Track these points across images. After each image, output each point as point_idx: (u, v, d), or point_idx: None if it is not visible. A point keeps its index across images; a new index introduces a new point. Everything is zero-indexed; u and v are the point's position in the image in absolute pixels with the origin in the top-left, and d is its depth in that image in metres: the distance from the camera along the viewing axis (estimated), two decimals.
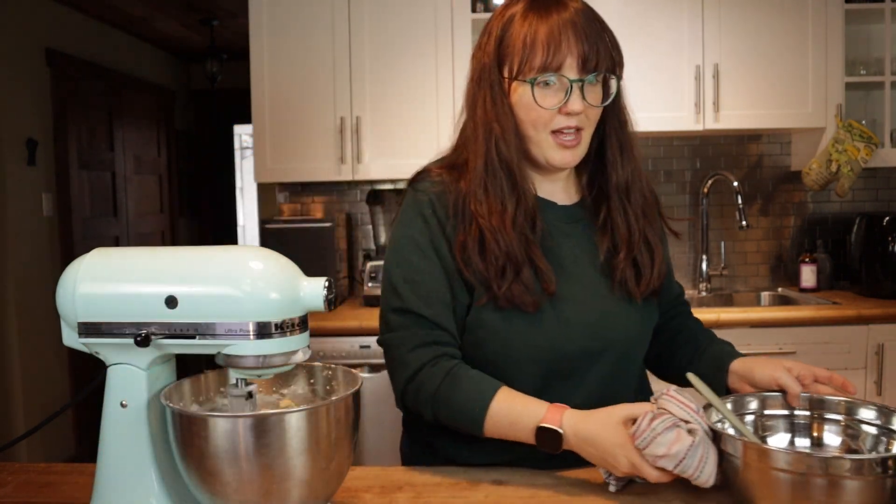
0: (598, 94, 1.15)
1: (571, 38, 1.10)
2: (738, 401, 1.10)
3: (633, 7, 2.91)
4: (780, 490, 0.85)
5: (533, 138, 1.16)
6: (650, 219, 1.24)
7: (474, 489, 1.08)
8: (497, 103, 1.16)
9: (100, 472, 0.91)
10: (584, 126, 1.15)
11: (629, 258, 1.20)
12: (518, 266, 1.12)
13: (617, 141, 1.21)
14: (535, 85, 1.12)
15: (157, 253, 0.90)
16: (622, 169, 1.21)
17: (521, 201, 1.15)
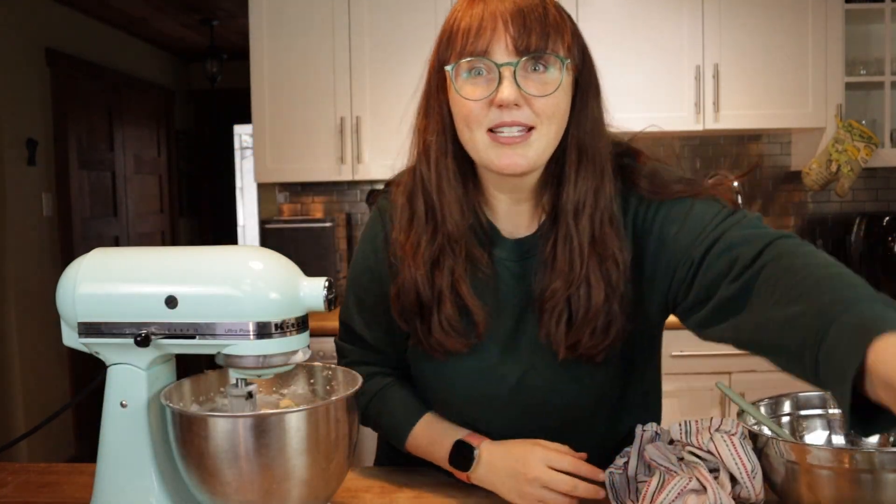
0: (547, 84, 0.93)
1: (500, 15, 0.92)
2: (771, 403, 1.08)
3: (633, 7, 2.91)
4: (822, 487, 0.86)
5: (469, 140, 0.96)
6: (603, 253, 0.97)
7: (474, 489, 1.08)
8: (430, 113, 1.01)
9: (100, 472, 0.91)
10: (535, 123, 0.93)
11: (562, 298, 0.97)
12: (431, 305, 1.00)
13: (576, 150, 0.98)
14: (457, 73, 0.94)
15: (157, 253, 0.90)
16: (575, 186, 0.97)
17: (439, 230, 1.00)
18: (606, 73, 2.99)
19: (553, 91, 0.93)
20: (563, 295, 0.97)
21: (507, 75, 0.91)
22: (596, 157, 0.99)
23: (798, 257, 0.83)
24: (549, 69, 0.94)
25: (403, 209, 1.04)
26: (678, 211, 0.97)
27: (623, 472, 1.00)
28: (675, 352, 2.63)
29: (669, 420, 1.01)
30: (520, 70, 0.92)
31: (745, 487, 0.91)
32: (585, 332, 0.97)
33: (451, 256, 1.00)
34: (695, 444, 0.94)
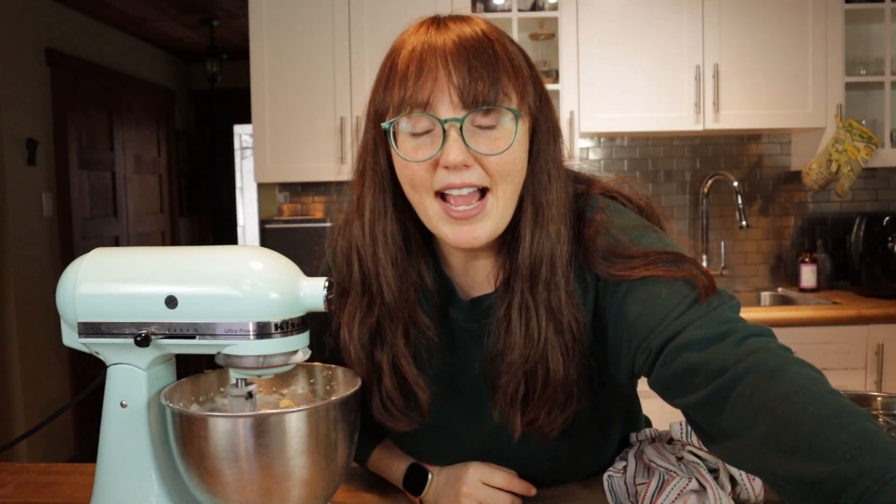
0: (499, 140, 0.82)
1: (444, 61, 0.81)
2: None
3: (633, 7, 2.91)
4: None
5: (418, 205, 0.86)
6: (560, 323, 0.86)
7: None
8: (365, 168, 0.90)
9: (100, 472, 0.91)
10: (487, 185, 0.82)
11: (519, 371, 0.86)
12: (369, 383, 0.92)
13: (532, 206, 0.86)
14: (397, 133, 0.84)
15: (157, 253, 0.90)
16: (531, 247, 0.85)
17: (375, 303, 0.90)
18: (606, 72, 3.02)
19: (506, 148, 0.82)
20: (520, 370, 0.86)
21: (452, 133, 0.80)
22: (554, 215, 0.86)
23: (783, 376, 0.68)
24: (501, 123, 0.82)
25: (341, 270, 0.94)
26: (642, 292, 0.83)
27: (622, 476, 1.00)
28: None
29: (669, 420, 1.01)
30: (467, 125, 0.81)
31: (744, 488, 0.91)
32: (542, 411, 0.88)
33: (389, 330, 0.90)
34: (695, 444, 0.94)
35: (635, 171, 3.28)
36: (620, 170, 3.28)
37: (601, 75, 2.91)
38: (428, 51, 0.82)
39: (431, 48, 0.82)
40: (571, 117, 2.91)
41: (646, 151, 3.27)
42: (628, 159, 3.28)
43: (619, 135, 3.21)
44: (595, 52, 2.91)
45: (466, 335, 0.94)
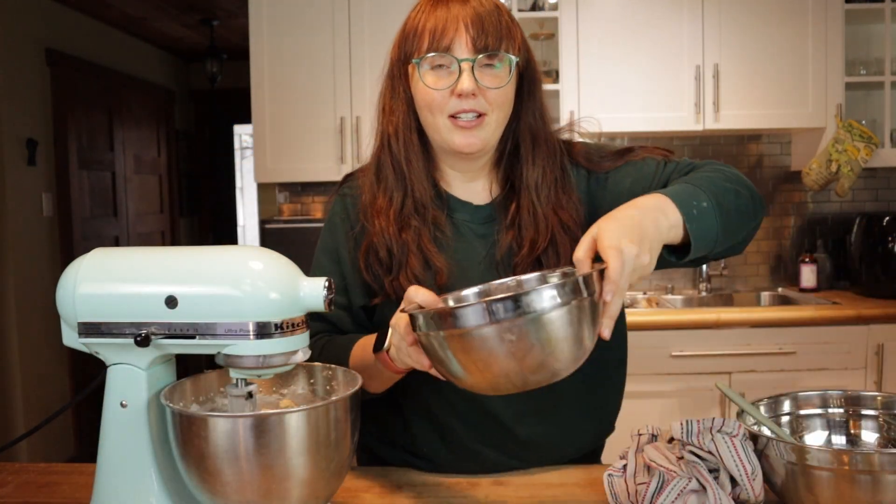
0: (498, 77, 1.10)
1: (462, 19, 1.08)
2: (771, 403, 1.08)
3: (633, 7, 2.91)
4: (821, 488, 0.86)
5: (432, 124, 1.12)
6: (561, 217, 1.14)
7: (474, 489, 1.08)
8: (396, 96, 1.15)
9: (100, 472, 0.91)
10: (486, 111, 1.10)
11: (531, 257, 1.13)
12: (401, 259, 1.11)
13: (530, 134, 1.17)
14: (423, 65, 1.09)
15: (157, 253, 0.90)
16: (533, 165, 1.16)
17: (408, 195, 1.14)
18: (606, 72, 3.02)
19: (504, 84, 1.10)
20: (533, 255, 1.12)
21: (466, 69, 1.07)
22: (548, 139, 1.18)
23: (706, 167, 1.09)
24: (501, 66, 1.10)
25: (372, 181, 1.17)
26: (628, 169, 1.17)
27: (622, 475, 1.00)
28: (675, 352, 2.63)
29: (669, 420, 1.01)
30: (477, 65, 1.07)
31: (744, 489, 0.91)
32: None
33: (417, 219, 1.13)
34: (695, 443, 0.94)
35: None
36: None
37: (601, 75, 2.91)
38: (450, 12, 1.09)
39: (452, 10, 1.09)
40: (571, 117, 2.91)
41: None
42: None
43: (619, 135, 3.21)
44: (595, 52, 2.91)
45: (471, 234, 1.17)
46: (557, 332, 0.79)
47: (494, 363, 0.80)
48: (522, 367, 0.80)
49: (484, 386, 0.84)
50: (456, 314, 0.79)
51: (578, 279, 0.80)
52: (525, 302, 0.78)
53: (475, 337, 0.79)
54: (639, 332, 2.62)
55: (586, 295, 0.81)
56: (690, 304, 3.11)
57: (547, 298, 0.78)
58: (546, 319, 0.78)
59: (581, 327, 0.81)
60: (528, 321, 0.78)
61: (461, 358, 0.81)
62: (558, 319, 0.78)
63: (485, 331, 0.78)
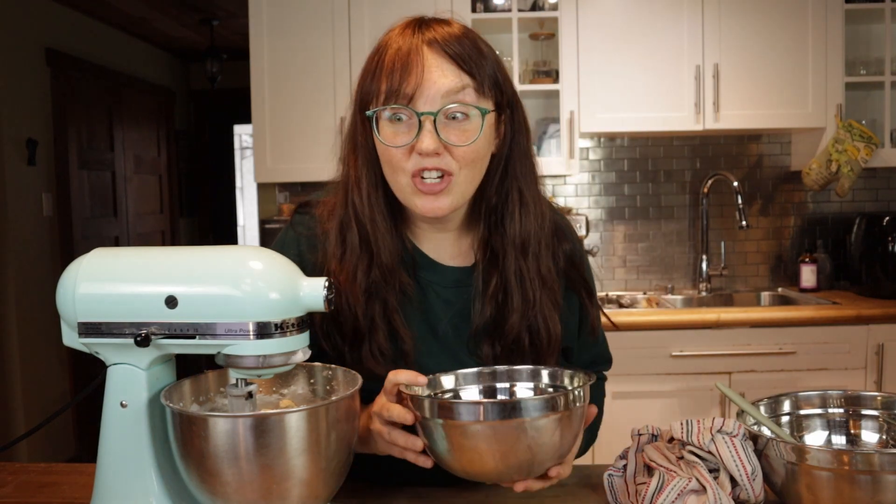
0: (466, 133, 0.96)
1: (426, 61, 0.94)
2: (771, 403, 1.08)
3: (633, 7, 2.91)
4: (821, 488, 0.86)
5: (393, 182, 1.00)
6: (548, 288, 1.06)
7: (474, 489, 1.08)
8: (357, 145, 1.03)
9: (100, 472, 0.91)
10: (453, 170, 0.97)
11: (523, 324, 1.04)
12: (366, 333, 1.02)
13: (517, 191, 1.04)
14: (379, 119, 0.97)
15: (157, 253, 0.90)
16: (521, 223, 1.03)
17: (374, 263, 1.02)
18: (606, 73, 3.03)
19: (473, 140, 0.96)
20: (522, 327, 1.04)
21: (427, 125, 0.94)
22: (536, 197, 1.06)
23: None
24: (469, 117, 0.96)
25: (336, 239, 1.05)
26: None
27: (622, 475, 1.00)
28: (675, 352, 2.63)
29: (669, 420, 1.01)
30: (440, 118, 0.95)
31: (744, 489, 0.91)
32: (551, 362, 1.05)
33: (384, 287, 1.03)
34: (695, 443, 0.94)
35: (635, 171, 3.28)
36: (620, 170, 3.28)
37: (601, 75, 2.91)
38: (411, 50, 0.95)
39: (415, 48, 0.95)
40: (571, 117, 2.91)
41: (646, 151, 3.27)
42: (628, 159, 3.28)
43: (619, 135, 3.21)
44: (595, 52, 2.91)
45: (437, 298, 1.07)
46: (552, 435, 0.87)
47: (482, 455, 0.86)
48: (507, 463, 0.86)
49: (472, 474, 0.90)
50: (459, 409, 0.85)
51: (577, 391, 0.88)
52: (526, 406, 0.85)
53: (475, 431, 0.85)
54: (639, 332, 2.62)
55: (579, 405, 0.89)
56: (690, 304, 3.11)
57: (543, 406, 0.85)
58: (544, 425, 0.85)
59: (571, 431, 0.89)
60: (521, 425, 0.84)
61: (455, 446, 0.87)
62: (552, 424, 0.86)
63: (484, 428, 0.84)
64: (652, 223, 3.29)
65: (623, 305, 3.07)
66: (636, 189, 3.28)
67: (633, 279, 3.29)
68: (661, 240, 3.29)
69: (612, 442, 1.28)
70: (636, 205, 3.28)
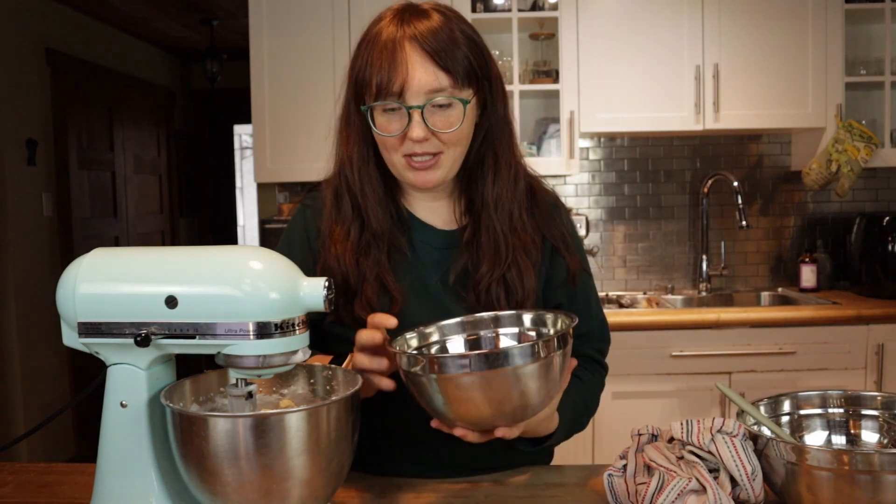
0: (451, 120, 1.08)
1: (409, 60, 1.05)
2: (771, 403, 1.08)
3: (633, 7, 2.91)
4: (821, 488, 0.86)
5: (388, 161, 1.13)
6: (522, 241, 1.15)
7: (474, 489, 1.08)
8: (350, 126, 1.14)
9: (100, 472, 0.91)
10: (442, 150, 1.09)
11: (497, 275, 1.12)
12: (356, 288, 1.10)
13: (493, 155, 1.16)
14: (373, 111, 1.08)
15: (157, 253, 0.90)
16: (494, 184, 1.15)
17: (366, 227, 1.13)
18: (606, 73, 3.02)
19: (457, 127, 1.08)
20: (493, 277, 1.12)
21: (416, 117, 1.06)
22: (510, 160, 1.16)
23: None
24: (452, 105, 1.08)
25: (332, 205, 1.17)
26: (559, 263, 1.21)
27: (622, 475, 1.00)
28: (675, 352, 2.63)
29: (669, 420, 1.01)
30: (427, 109, 1.06)
31: (744, 489, 0.91)
32: (523, 296, 1.13)
33: (375, 248, 1.13)
34: (695, 443, 0.94)
35: (635, 171, 3.28)
36: (620, 170, 3.28)
37: (601, 75, 2.91)
38: (396, 48, 1.06)
39: (399, 44, 1.06)
40: (571, 117, 2.91)
41: (646, 151, 3.27)
42: (628, 159, 3.28)
43: (619, 135, 3.21)
44: (595, 52, 2.91)
45: (429, 258, 1.17)
46: (538, 380, 0.90)
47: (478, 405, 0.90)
48: (502, 409, 0.91)
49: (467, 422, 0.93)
50: (445, 362, 0.88)
51: (565, 335, 0.93)
52: (513, 354, 0.88)
53: (463, 383, 0.88)
54: (639, 332, 2.62)
55: (563, 347, 0.93)
56: (690, 304, 3.11)
57: (530, 353, 0.89)
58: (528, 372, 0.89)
59: (554, 376, 0.93)
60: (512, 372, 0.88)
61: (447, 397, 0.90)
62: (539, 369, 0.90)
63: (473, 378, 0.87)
64: (652, 223, 3.29)
65: (623, 305, 3.07)
66: (636, 189, 3.28)
67: (633, 279, 3.29)
68: (661, 240, 3.29)
69: (612, 442, 1.29)
70: (636, 205, 3.28)
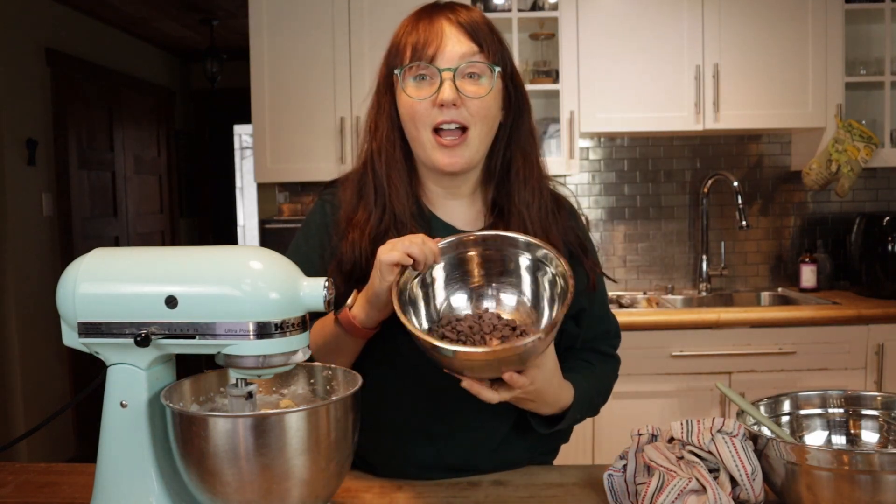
0: (481, 87, 1.10)
1: (445, 30, 1.09)
2: (771, 403, 1.09)
3: (633, 7, 2.91)
4: (821, 488, 0.86)
5: (416, 138, 1.13)
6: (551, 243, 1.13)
7: (474, 489, 1.08)
8: (381, 112, 1.16)
9: (100, 472, 0.91)
10: (469, 124, 1.10)
11: None
12: (367, 272, 1.07)
13: (522, 159, 1.17)
14: (406, 77, 1.10)
15: (157, 253, 0.90)
16: (525, 188, 1.16)
17: (387, 211, 1.13)
18: (606, 72, 3.03)
19: (486, 94, 1.10)
20: None
21: (447, 79, 1.08)
22: (536, 162, 1.19)
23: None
24: (482, 77, 1.11)
25: (353, 194, 1.18)
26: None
27: (622, 475, 1.00)
28: (675, 352, 2.63)
29: (669, 420, 1.01)
30: (458, 75, 1.08)
31: (744, 489, 0.91)
32: None
33: (394, 234, 1.11)
34: (695, 443, 0.94)
35: (635, 171, 3.28)
36: (620, 170, 3.28)
37: (601, 75, 2.91)
38: (433, 21, 1.10)
39: (436, 19, 1.11)
40: (571, 117, 2.91)
41: (646, 151, 3.27)
42: (628, 159, 3.28)
43: (619, 135, 3.21)
44: (595, 52, 2.91)
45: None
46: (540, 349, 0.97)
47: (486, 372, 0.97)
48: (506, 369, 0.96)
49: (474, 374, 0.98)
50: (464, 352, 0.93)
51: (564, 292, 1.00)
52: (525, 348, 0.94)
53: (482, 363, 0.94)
54: (639, 332, 2.62)
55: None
56: (690, 304, 3.11)
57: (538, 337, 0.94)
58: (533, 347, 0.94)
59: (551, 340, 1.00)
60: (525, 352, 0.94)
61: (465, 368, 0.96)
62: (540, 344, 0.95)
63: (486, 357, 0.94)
64: (652, 223, 3.29)
65: (623, 305, 3.07)
66: (636, 189, 3.28)
67: (633, 279, 3.29)
68: (661, 240, 3.29)
69: (612, 442, 1.29)
70: (636, 205, 3.28)
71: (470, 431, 1.13)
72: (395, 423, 1.15)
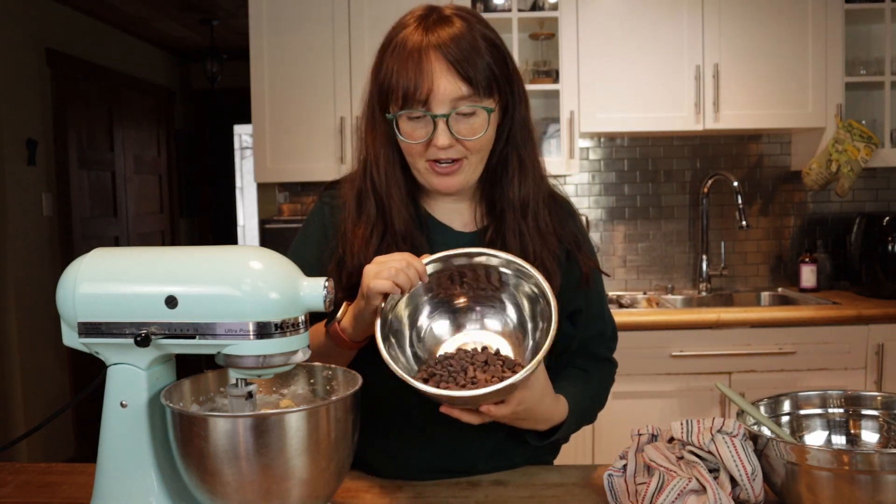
0: (475, 128, 1.09)
1: (434, 70, 1.05)
2: (771, 403, 1.09)
3: (633, 7, 2.91)
4: (821, 488, 0.86)
5: (412, 165, 1.14)
6: (548, 244, 1.16)
7: (474, 489, 1.08)
8: (376, 128, 1.14)
9: (100, 472, 0.91)
10: (465, 156, 1.10)
11: None
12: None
13: (517, 158, 1.16)
14: (399, 118, 1.09)
15: (157, 253, 0.90)
16: (520, 186, 1.16)
17: (388, 230, 1.14)
18: (606, 72, 3.03)
19: (481, 134, 1.10)
20: None
21: (441, 125, 1.07)
22: (534, 163, 1.18)
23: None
24: (476, 113, 1.09)
25: (354, 205, 1.17)
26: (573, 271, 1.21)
27: (622, 475, 1.00)
28: (675, 352, 2.63)
29: (669, 420, 1.01)
30: (452, 117, 1.07)
31: (744, 489, 0.91)
32: None
33: (396, 250, 1.12)
34: (695, 443, 0.94)
35: (635, 171, 3.28)
36: (620, 170, 3.28)
37: (601, 75, 2.91)
38: (422, 56, 1.06)
39: (425, 53, 1.06)
40: (571, 117, 2.91)
41: (646, 151, 3.27)
42: (628, 159, 3.28)
43: (618, 135, 3.21)
44: (595, 52, 2.91)
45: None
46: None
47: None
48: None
49: None
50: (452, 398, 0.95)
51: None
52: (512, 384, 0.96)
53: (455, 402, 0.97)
54: (639, 332, 2.62)
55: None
56: (690, 304, 3.11)
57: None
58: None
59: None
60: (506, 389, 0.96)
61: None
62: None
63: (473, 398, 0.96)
64: (652, 223, 3.29)
65: (623, 305, 3.07)
66: (636, 189, 3.28)
67: (633, 279, 3.29)
68: (661, 240, 3.29)
69: (612, 442, 1.29)
70: (636, 205, 3.28)
71: (469, 434, 1.13)
72: (395, 426, 1.15)
